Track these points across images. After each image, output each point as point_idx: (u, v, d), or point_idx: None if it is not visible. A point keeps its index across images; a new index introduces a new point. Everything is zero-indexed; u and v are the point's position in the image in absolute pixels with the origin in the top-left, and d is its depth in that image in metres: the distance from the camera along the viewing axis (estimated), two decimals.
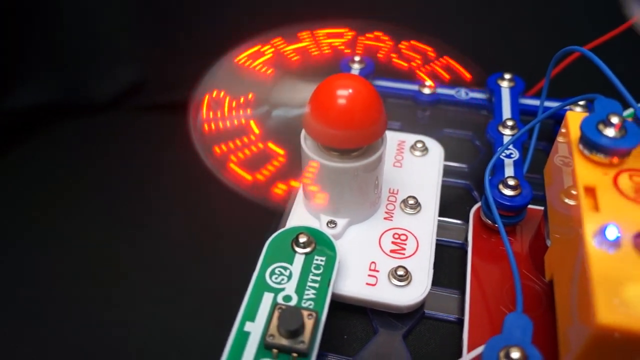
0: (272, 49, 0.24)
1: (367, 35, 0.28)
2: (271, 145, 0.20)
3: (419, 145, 0.26)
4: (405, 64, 0.27)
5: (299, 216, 0.23)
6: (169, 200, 0.35)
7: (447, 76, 0.27)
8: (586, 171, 0.17)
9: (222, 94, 0.20)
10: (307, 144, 0.21)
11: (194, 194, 0.34)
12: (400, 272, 0.20)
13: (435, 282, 0.21)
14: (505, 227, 0.20)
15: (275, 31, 0.25)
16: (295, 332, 0.17)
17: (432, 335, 0.20)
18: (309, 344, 0.17)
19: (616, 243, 0.15)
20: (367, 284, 0.20)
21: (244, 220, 0.24)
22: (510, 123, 0.25)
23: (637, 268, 0.14)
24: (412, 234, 0.22)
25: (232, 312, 0.18)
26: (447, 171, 0.26)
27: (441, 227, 0.23)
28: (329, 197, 0.21)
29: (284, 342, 0.17)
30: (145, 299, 0.30)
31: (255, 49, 0.23)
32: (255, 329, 0.18)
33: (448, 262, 0.23)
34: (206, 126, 0.19)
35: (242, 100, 0.20)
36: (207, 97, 0.20)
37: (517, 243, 0.22)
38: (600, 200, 0.16)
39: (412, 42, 0.28)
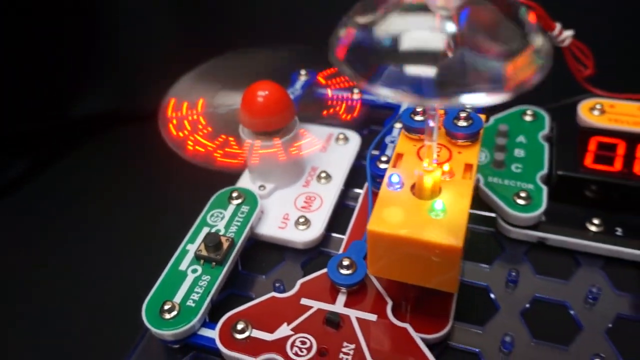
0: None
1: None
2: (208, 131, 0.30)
3: (341, 136, 0.34)
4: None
5: (244, 181, 0.32)
6: None
7: None
8: (402, 143, 0.25)
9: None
10: (243, 131, 0.30)
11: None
12: (302, 220, 0.29)
13: (330, 229, 0.29)
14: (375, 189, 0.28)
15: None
16: (214, 248, 0.26)
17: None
18: (223, 257, 0.26)
19: (398, 186, 0.23)
20: (279, 227, 0.29)
21: (206, 190, 0.33)
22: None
23: (403, 202, 0.22)
24: (319, 197, 0.31)
25: None
26: (363, 156, 0.34)
27: (346, 194, 0.32)
28: (257, 168, 0.31)
29: (205, 253, 0.26)
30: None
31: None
32: (192, 247, 0.27)
33: (347, 216, 0.31)
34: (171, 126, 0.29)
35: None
36: (171, 101, 0.30)
37: None
38: (402, 161, 0.24)
39: None
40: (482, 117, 0.26)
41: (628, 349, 0.24)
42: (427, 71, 0.17)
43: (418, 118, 0.25)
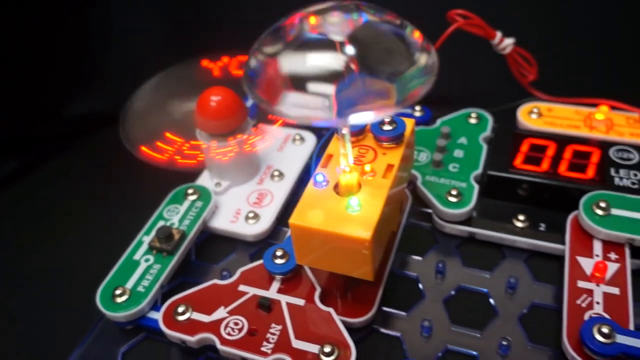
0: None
1: None
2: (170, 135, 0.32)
3: (298, 136, 0.37)
4: None
5: (204, 179, 0.34)
6: None
7: None
8: (334, 145, 0.27)
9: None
10: (200, 134, 0.33)
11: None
12: (252, 215, 0.31)
13: (280, 223, 0.32)
14: None
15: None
16: (166, 239, 0.29)
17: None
18: (173, 248, 0.29)
19: (323, 184, 0.25)
20: (231, 221, 0.32)
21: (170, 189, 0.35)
22: None
23: (325, 199, 0.24)
24: (271, 193, 0.33)
25: None
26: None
27: (300, 191, 0.34)
28: (214, 167, 0.33)
29: (157, 244, 0.29)
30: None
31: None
32: (147, 239, 0.30)
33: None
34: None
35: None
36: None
37: None
38: (331, 162, 0.26)
39: None
40: (410, 121, 0.28)
41: (537, 334, 0.26)
42: (325, 94, 0.20)
43: None
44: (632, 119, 0.32)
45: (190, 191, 0.32)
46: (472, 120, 0.35)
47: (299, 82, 0.19)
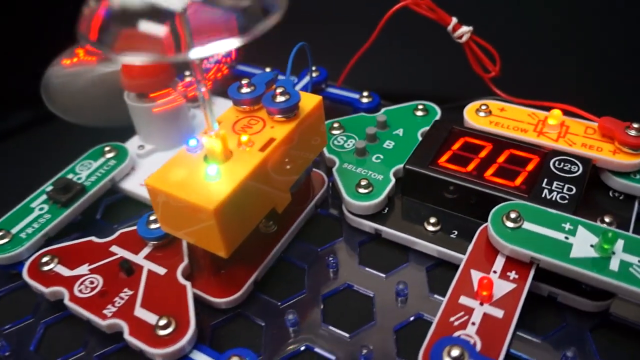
0: None
1: None
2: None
3: None
4: None
5: (132, 141, 0.34)
6: None
7: None
8: (227, 113, 0.26)
9: None
10: (128, 95, 0.32)
11: None
12: None
13: None
14: None
15: None
16: (62, 191, 0.29)
17: None
18: (68, 200, 0.28)
19: (197, 150, 0.23)
20: (141, 185, 0.31)
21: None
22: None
23: (191, 164, 0.23)
24: None
25: None
26: None
27: None
28: (140, 128, 0.32)
29: (53, 194, 0.28)
30: None
31: None
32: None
33: None
34: None
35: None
36: None
37: None
38: (219, 127, 0.25)
39: None
40: (314, 97, 0.26)
41: (407, 349, 0.23)
42: (161, 30, 0.18)
43: (244, 90, 0.25)
44: (591, 129, 0.28)
45: (107, 149, 0.32)
46: (419, 113, 0.32)
47: (130, 19, 0.18)
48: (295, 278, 0.26)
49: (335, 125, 0.32)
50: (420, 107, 0.32)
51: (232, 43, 0.18)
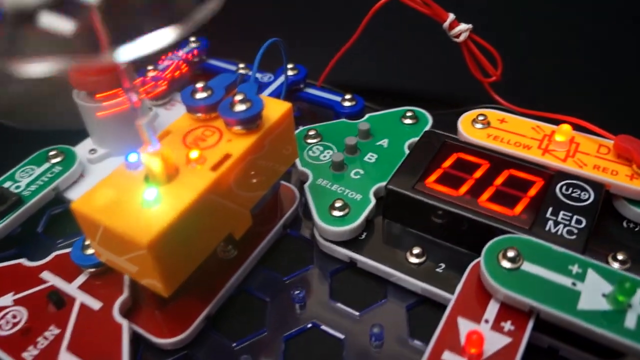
0: None
1: None
2: None
3: None
4: None
5: (84, 144, 0.30)
6: None
7: None
8: (179, 121, 0.22)
9: None
10: (78, 95, 0.28)
11: None
12: None
13: None
14: None
15: None
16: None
17: None
18: (4, 213, 0.25)
19: (135, 165, 0.20)
20: None
21: None
22: None
23: (128, 185, 0.19)
24: None
25: None
26: None
27: None
28: (92, 130, 0.29)
29: None
30: None
31: None
32: None
33: None
34: None
35: None
36: None
37: None
38: (164, 141, 0.21)
39: None
40: (283, 104, 0.22)
41: None
42: (67, 25, 0.14)
43: (198, 95, 0.22)
44: (605, 147, 0.24)
45: (52, 153, 0.28)
46: (407, 121, 0.29)
47: (27, 15, 0.14)
48: (255, 313, 0.23)
49: (311, 133, 0.28)
50: (409, 114, 0.29)
51: (167, 36, 0.15)
